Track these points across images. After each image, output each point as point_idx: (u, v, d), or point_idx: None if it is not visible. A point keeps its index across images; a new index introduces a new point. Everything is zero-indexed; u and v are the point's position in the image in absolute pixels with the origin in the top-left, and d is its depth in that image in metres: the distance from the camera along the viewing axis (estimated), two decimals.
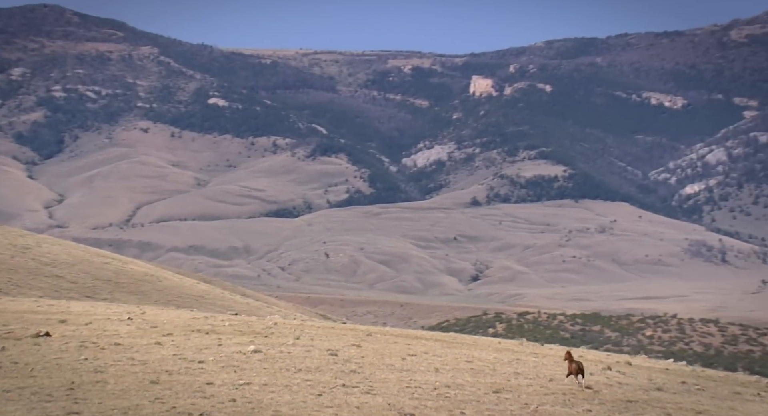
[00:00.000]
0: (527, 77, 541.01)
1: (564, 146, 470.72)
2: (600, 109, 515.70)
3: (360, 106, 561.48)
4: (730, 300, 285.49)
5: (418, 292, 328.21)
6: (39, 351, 34.35)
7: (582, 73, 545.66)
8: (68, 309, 50.19)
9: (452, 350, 40.44)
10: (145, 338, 38.20)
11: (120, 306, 58.93)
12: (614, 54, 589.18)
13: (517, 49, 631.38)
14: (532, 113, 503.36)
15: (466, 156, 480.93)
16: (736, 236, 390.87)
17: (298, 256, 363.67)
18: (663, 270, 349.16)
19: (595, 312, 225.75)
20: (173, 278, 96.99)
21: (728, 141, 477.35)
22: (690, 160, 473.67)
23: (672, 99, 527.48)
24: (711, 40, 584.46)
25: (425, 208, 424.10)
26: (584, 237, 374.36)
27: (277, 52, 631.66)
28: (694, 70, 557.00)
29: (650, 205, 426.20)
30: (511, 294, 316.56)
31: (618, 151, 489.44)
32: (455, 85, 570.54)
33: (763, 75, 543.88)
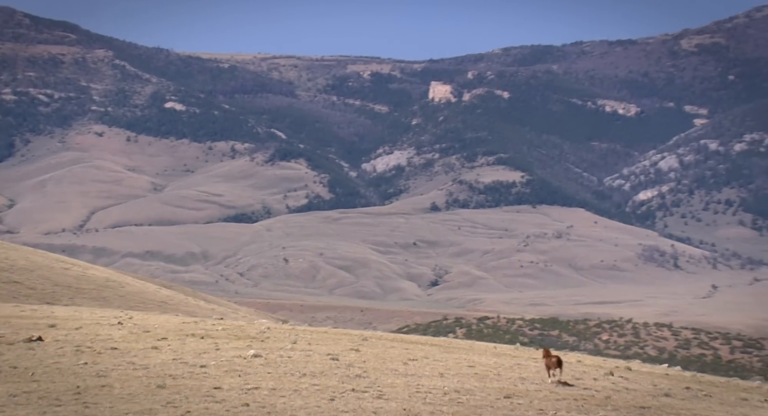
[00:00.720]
0: (485, 84, 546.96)
1: (522, 152, 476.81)
2: (556, 115, 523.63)
3: (319, 111, 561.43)
4: (682, 305, 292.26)
5: (378, 297, 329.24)
6: (35, 355, 34.34)
7: (539, 80, 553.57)
8: (53, 313, 49.82)
9: (451, 355, 40.76)
10: (141, 342, 38.28)
11: (106, 310, 58.85)
12: (570, 61, 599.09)
13: (475, 56, 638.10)
14: (490, 119, 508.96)
15: (426, 161, 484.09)
16: (688, 242, 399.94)
17: (257, 262, 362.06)
18: (618, 275, 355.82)
19: (553, 317, 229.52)
20: (135, 283, 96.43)
21: (680, 148, 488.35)
22: (643, 167, 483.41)
23: (626, 106, 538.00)
24: (663, 49, 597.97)
25: (385, 213, 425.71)
26: (542, 243, 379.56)
27: (235, 57, 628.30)
28: (646, 78, 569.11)
29: (605, 210, 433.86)
30: (470, 299, 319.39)
31: (574, 158, 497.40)
32: (414, 91, 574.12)
33: (712, 84, 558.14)
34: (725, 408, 34.56)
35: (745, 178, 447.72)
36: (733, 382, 46.61)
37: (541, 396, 31.85)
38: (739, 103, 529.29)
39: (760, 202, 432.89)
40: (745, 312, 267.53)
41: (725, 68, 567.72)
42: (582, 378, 38.07)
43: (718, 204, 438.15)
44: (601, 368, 42.61)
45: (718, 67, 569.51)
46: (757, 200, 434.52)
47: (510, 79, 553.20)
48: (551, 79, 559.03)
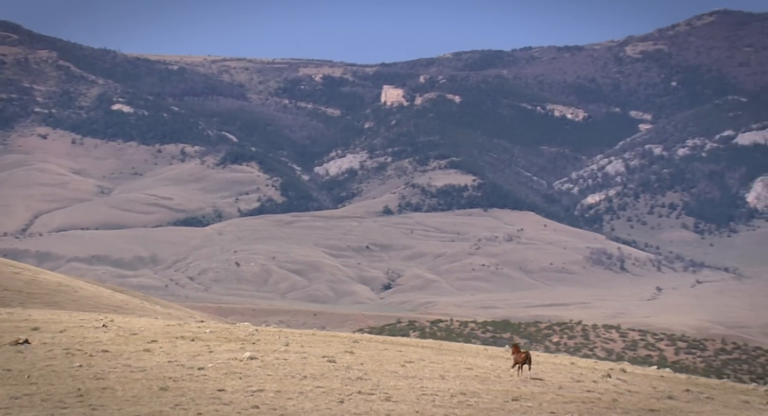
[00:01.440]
0: (437, 88, 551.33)
1: (473, 156, 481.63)
2: (507, 120, 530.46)
3: (271, 114, 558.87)
4: (628, 307, 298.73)
5: (331, 301, 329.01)
6: (26, 358, 33.98)
7: (489, 84, 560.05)
8: (31, 316, 49.20)
9: (446, 357, 40.92)
10: (131, 345, 38.01)
11: (86, 313, 58.12)
12: (519, 66, 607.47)
13: (426, 60, 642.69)
14: (442, 123, 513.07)
15: (378, 165, 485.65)
16: (634, 245, 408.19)
17: (208, 266, 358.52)
18: (566, 277, 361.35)
19: (505, 320, 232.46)
20: (88, 288, 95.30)
21: (626, 153, 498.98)
22: (591, 171, 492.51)
23: (574, 111, 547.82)
24: (608, 55, 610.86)
25: (337, 216, 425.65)
26: (493, 246, 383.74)
27: (184, 59, 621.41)
28: (593, 84, 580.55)
29: (555, 214, 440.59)
30: (423, 302, 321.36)
31: (524, 162, 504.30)
32: (367, 95, 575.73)
33: (656, 90, 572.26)
34: (731, 411, 34.86)
35: (688, 182, 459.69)
36: (728, 385, 47.08)
37: (548, 399, 31.98)
38: (681, 108, 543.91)
39: (702, 206, 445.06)
40: (687, 314, 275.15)
41: (668, 75, 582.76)
42: (581, 380, 38.26)
43: (663, 207, 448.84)
44: (596, 370, 42.88)
45: (661, 73, 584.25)
46: (699, 204, 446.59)
47: (461, 83, 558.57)
48: (501, 83, 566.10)
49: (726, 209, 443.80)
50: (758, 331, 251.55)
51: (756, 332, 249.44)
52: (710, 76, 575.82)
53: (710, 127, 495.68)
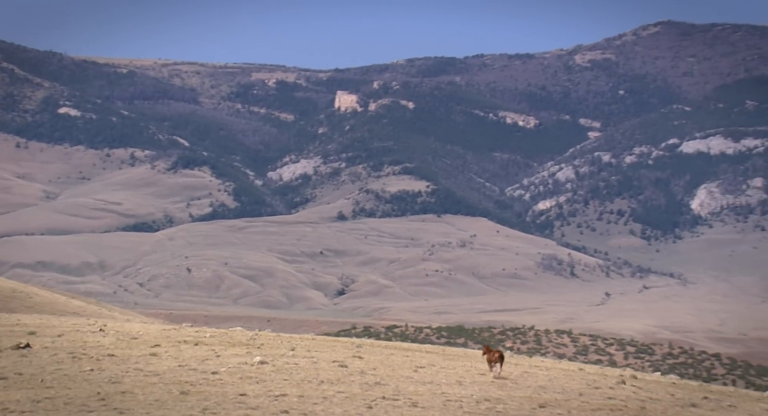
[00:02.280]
0: (390, 94, 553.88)
1: (427, 162, 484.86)
2: (460, 126, 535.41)
3: (223, 119, 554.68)
4: (578, 312, 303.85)
5: (284, 307, 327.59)
6: (32, 362, 33.73)
7: (442, 91, 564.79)
8: (20, 321, 48.57)
9: (455, 362, 41.07)
10: (135, 349, 37.87)
11: (75, 318, 57.74)
12: (472, 73, 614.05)
13: (380, 66, 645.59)
14: (396, 129, 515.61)
15: (332, 170, 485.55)
16: (583, 250, 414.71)
17: (158, 272, 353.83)
18: (518, 283, 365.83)
19: (459, 325, 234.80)
20: (43, 294, 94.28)
21: (575, 159, 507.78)
22: (542, 178, 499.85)
23: (525, 118, 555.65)
24: (558, 63, 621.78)
25: (291, 222, 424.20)
26: (446, 252, 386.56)
27: (133, 62, 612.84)
28: (544, 92, 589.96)
29: (507, 220, 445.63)
30: (377, 307, 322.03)
31: (477, 168, 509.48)
32: (320, 100, 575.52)
33: (604, 98, 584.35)
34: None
35: (635, 189, 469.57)
36: (741, 392, 47.50)
37: (575, 406, 32.08)
38: (629, 116, 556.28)
39: (648, 213, 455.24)
40: (635, 319, 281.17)
41: (616, 83, 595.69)
42: (598, 386, 38.24)
43: (611, 214, 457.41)
44: (607, 376, 43.15)
45: (609, 82, 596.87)
46: (646, 211, 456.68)
47: (415, 89, 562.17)
48: (454, 90, 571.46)
49: (671, 216, 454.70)
50: (702, 335, 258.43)
51: (700, 336, 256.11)
52: (656, 85, 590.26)
53: (656, 135, 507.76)
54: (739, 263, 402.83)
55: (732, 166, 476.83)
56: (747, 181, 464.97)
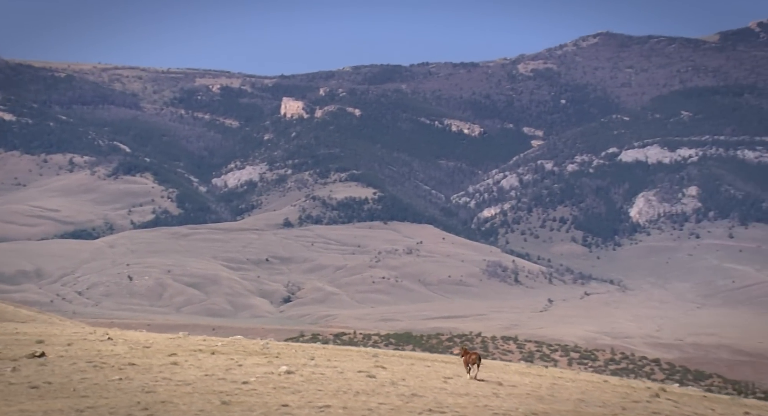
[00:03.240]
0: (337, 101, 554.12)
1: (373, 169, 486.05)
2: (406, 134, 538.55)
3: (166, 124, 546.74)
4: (522, 318, 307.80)
5: (229, 315, 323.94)
6: (54, 371, 33.29)
7: (389, 98, 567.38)
8: (19, 330, 47.75)
9: (480, 373, 39.97)
10: (153, 358, 37.45)
11: (74, 326, 56.18)
12: (417, 81, 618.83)
13: (326, 73, 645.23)
14: (342, 136, 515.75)
15: (278, 177, 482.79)
16: (527, 257, 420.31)
17: (98, 280, 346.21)
18: (464, 290, 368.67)
19: (407, 332, 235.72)
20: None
21: (519, 167, 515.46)
22: (487, 185, 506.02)
23: (470, 127, 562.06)
24: (502, 72, 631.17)
25: (236, 229, 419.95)
26: (393, 259, 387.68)
27: (72, 66, 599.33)
28: (488, 100, 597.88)
29: (452, 227, 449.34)
30: (323, 315, 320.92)
31: (423, 175, 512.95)
32: (266, 106, 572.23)
33: (546, 107, 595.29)
34: None
35: (577, 197, 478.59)
36: None
37: None
38: (570, 126, 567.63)
39: (589, 220, 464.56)
40: (577, 325, 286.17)
41: (558, 93, 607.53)
42: (636, 399, 38.03)
43: (554, 221, 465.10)
44: (634, 388, 42.93)
45: (551, 91, 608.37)
46: (587, 218, 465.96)
47: (361, 96, 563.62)
48: (400, 98, 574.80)
49: (611, 223, 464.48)
50: (641, 341, 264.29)
51: (639, 342, 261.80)
52: (596, 95, 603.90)
53: (596, 144, 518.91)
54: (675, 270, 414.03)
55: (668, 174, 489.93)
56: (683, 190, 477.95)
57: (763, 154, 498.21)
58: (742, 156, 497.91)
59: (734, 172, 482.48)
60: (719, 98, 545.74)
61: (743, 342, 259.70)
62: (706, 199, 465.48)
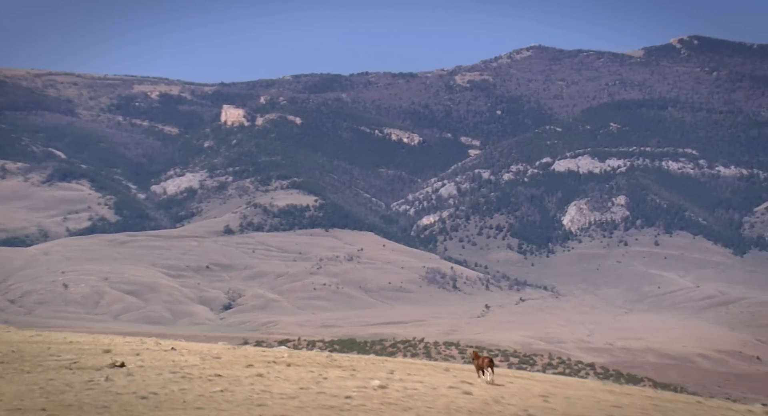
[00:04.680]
0: (278, 109, 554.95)
1: (315, 177, 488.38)
2: (347, 142, 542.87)
3: (103, 131, 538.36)
4: (460, 324, 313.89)
5: (168, 323, 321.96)
6: (147, 381, 33.16)
7: (329, 107, 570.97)
8: (66, 338, 48.47)
9: (572, 390, 39.90)
10: (234, 369, 37.28)
11: (116, 336, 55.89)
12: (357, 91, 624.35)
13: (266, 81, 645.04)
14: (283, 144, 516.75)
15: (219, 184, 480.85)
16: (465, 264, 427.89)
17: (31, 288, 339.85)
18: (404, 296, 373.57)
19: (351, 338, 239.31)
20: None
21: (457, 176, 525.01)
22: (426, 193, 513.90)
23: (409, 136, 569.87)
24: (440, 83, 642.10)
25: (176, 236, 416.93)
26: (334, 266, 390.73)
27: (4, 71, 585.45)
28: (427, 110, 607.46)
29: (393, 234, 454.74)
30: (264, 321, 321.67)
31: (363, 183, 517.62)
32: (206, 114, 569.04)
33: (483, 117, 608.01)
34: None
35: (512, 205, 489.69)
36: None
37: None
38: (506, 136, 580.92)
39: (525, 228, 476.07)
40: (513, 330, 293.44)
41: (493, 104, 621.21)
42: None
43: (490, 229, 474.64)
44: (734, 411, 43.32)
45: (487, 102, 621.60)
46: (523, 226, 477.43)
47: (302, 105, 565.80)
48: (341, 106, 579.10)
49: (545, 231, 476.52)
50: (573, 346, 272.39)
51: (571, 346, 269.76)
52: (530, 107, 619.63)
53: (531, 154, 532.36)
54: (605, 276, 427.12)
55: (599, 184, 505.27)
56: (612, 199, 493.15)
57: (686, 165, 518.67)
58: (667, 167, 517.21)
59: (659, 182, 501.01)
60: (645, 111, 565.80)
61: (668, 346, 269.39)
62: (633, 207, 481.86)
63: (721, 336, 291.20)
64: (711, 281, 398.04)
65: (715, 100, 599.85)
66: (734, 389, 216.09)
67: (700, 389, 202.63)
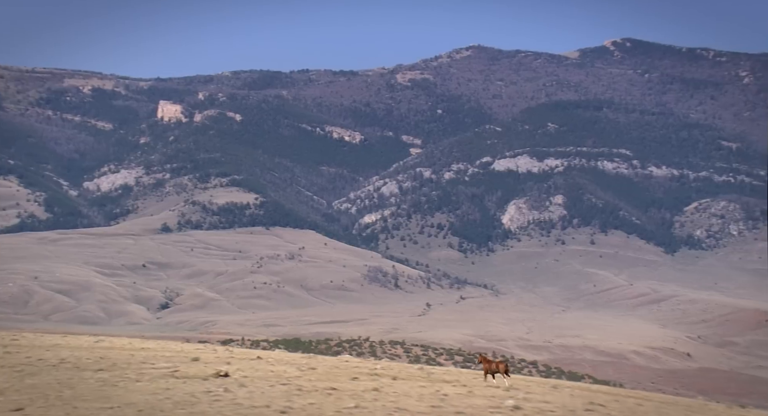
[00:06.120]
0: (217, 105, 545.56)
1: (255, 174, 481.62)
2: (288, 140, 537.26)
3: (32, 126, 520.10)
4: (402, 322, 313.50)
5: (102, 322, 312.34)
6: (266, 394, 32.18)
7: (270, 104, 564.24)
8: (133, 343, 46.78)
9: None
10: (342, 382, 36.34)
11: (179, 343, 53.36)
12: (298, 88, 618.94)
13: (204, 77, 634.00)
14: (223, 141, 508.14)
15: (156, 181, 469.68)
16: (406, 263, 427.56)
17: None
18: (345, 295, 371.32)
19: (296, 338, 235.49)
20: None
21: (399, 175, 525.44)
22: (368, 192, 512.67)
23: (351, 134, 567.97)
24: (381, 81, 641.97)
25: (111, 234, 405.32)
26: (275, 264, 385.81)
27: None
28: (368, 108, 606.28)
29: (334, 232, 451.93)
30: (203, 321, 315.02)
31: (305, 181, 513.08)
32: (141, 109, 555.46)
33: (424, 116, 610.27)
34: None
35: (453, 204, 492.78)
36: None
37: None
38: (446, 135, 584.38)
39: (465, 227, 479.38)
40: (454, 329, 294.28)
41: (434, 103, 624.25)
42: None
43: (431, 227, 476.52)
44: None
45: (428, 101, 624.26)
46: (463, 225, 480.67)
47: (241, 102, 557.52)
48: (282, 104, 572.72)
49: (485, 230, 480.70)
50: (513, 343, 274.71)
51: (511, 344, 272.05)
52: (470, 106, 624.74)
53: (471, 153, 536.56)
54: (543, 274, 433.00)
55: (537, 183, 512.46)
56: (550, 198, 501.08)
57: (620, 166, 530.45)
58: (602, 167, 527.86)
59: (595, 181, 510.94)
60: (581, 112, 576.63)
61: (604, 343, 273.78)
62: (570, 207, 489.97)
63: (654, 334, 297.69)
64: (644, 279, 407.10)
65: (647, 101, 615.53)
66: (667, 385, 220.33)
67: (635, 385, 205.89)
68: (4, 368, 38.51)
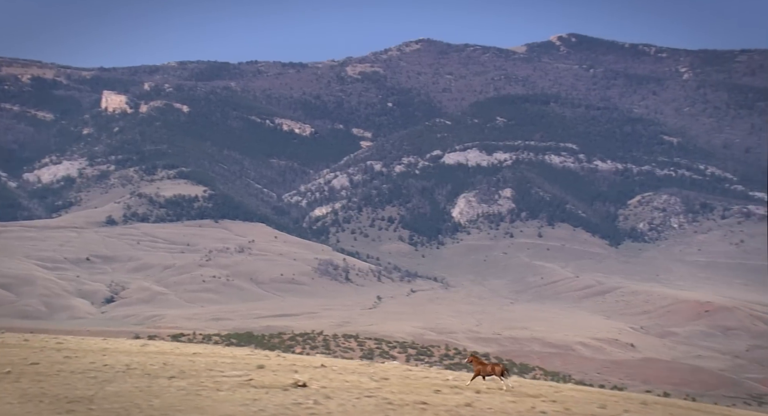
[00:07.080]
0: (163, 96, 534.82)
1: (203, 167, 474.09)
2: (236, 132, 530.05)
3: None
4: (353, 316, 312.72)
5: (44, 317, 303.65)
6: (359, 407, 31.02)
7: (218, 95, 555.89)
8: (189, 349, 46.01)
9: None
10: (427, 396, 35.00)
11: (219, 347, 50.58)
12: (247, 80, 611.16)
13: (149, 67, 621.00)
14: (170, 132, 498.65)
15: (100, 173, 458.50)
16: (357, 256, 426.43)
17: None
18: (296, 288, 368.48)
19: (249, 332, 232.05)
20: None
21: (350, 168, 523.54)
22: (318, 185, 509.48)
23: (301, 126, 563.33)
24: (331, 73, 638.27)
25: (53, 226, 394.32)
26: (224, 257, 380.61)
27: None
28: (319, 101, 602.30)
29: (284, 226, 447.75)
30: (149, 315, 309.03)
31: (254, 174, 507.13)
32: (84, 99, 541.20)
33: (374, 109, 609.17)
34: None
35: (404, 197, 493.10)
36: None
37: None
38: (397, 128, 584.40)
39: (416, 220, 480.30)
40: (405, 321, 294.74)
41: (385, 96, 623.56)
42: None
43: (382, 221, 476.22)
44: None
45: (378, 94, 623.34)
46: (414, 218, 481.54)
47: (189, 92, 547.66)
48: (230, 95, 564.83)
49: (435, 223, 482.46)
50: (463, 336, 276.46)
51: (461, 337, 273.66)
52: (420, 100, 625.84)
53: (422, 147, 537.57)
54: (492, 267, 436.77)
55: (486, 177, 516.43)
56: (499, 192, 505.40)
57: (567, 159, 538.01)
58: (549, 160, 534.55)
59: (543, 175, 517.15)
60: (529, 106, 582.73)
61: (551, 335, 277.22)
62: (518, 200, 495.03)
63: (599, 325, 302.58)
64: (589, 271, 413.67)
65: (593, 96, 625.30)
66: (613, 376, 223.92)
67: (582, 376, 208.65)
68: (75, 374, 37.42)
